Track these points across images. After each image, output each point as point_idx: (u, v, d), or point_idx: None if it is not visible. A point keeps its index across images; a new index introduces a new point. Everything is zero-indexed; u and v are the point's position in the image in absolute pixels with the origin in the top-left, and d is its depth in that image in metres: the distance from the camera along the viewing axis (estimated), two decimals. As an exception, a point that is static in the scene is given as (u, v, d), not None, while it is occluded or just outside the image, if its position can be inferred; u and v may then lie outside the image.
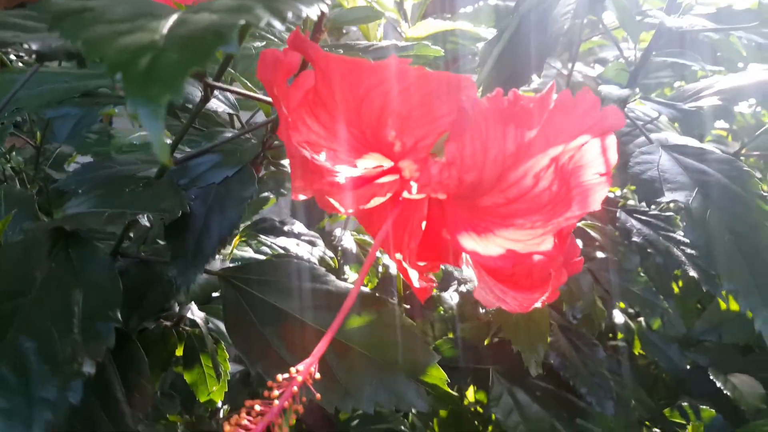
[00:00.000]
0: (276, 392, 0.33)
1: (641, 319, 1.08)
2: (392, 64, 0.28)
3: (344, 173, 0.33)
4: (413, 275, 0.38)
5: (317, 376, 0.34)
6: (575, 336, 0.74)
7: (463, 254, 0.33)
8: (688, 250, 0.57)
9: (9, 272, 0.34)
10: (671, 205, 0.59)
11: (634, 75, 0.56)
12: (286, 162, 0.51)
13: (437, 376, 0.45)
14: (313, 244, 0.60)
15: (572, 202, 0.30)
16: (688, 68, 0.84)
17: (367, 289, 0.47)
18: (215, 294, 0.57)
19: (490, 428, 1.02)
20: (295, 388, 0.33)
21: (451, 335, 0.92)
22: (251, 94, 0.41)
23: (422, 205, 0.35)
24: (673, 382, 0.99)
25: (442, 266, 0.91)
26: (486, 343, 0.78)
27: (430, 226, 0.36)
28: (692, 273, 0.55)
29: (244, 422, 0.33)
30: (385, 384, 0.45)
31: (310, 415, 0.86)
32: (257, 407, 0.33)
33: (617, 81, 0.83)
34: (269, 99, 0.44)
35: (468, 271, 0.75)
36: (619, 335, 1.08)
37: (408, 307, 0.86)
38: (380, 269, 0.86)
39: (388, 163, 0.33)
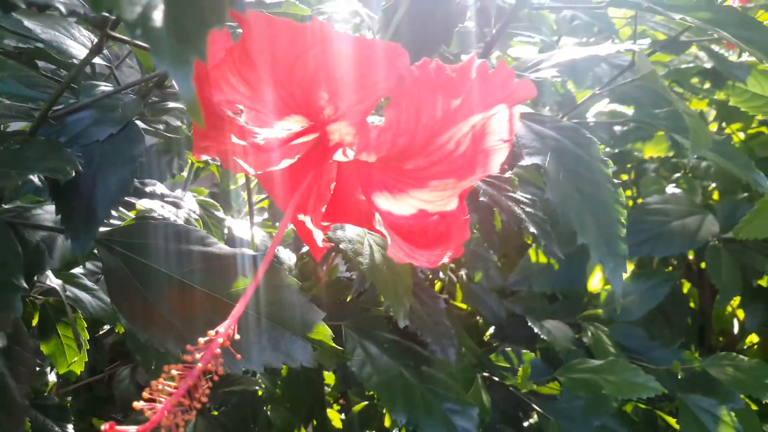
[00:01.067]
0: (197, 355, 0.33)
1: (462, 273, 1.17)
2: (327, 27, 0.28)
3: (263, 134, 0.34)
4: (317, 235, 0.39)
5: (236, 336, 0.34)
6: (420, 290, 0.79)
7: (376, 214, 0.35)
8: (527, 209, 0.64)
9: None
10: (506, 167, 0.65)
11: (488, 47, 0.61)
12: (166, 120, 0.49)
13: (323, 332, 0.47)
14: (177, 206, 0.58)
15: (477, 165, 0.33)
16: (510, 40, 0.92)
17: (253, 252, 0.48)
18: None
19: (332, 382, 1.06)
20: (218, 350, 0.33)
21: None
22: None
23: (332, 167, 0.37)
24: (494, 330, 1.09)
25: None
26: (349, 299, 0.81)
27: (339, 188, 0.37)
28: (532, 229, 0.62)
29: (164, 387, 0.33)
30: (273, 343, 0.46)
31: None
32: (175, 372, 0.33)
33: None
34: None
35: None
36: (438, 286, 1.17)
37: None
38: (225, 231, 0.86)
39: (304, 126, 0.34)
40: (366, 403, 1.03)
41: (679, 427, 0.90)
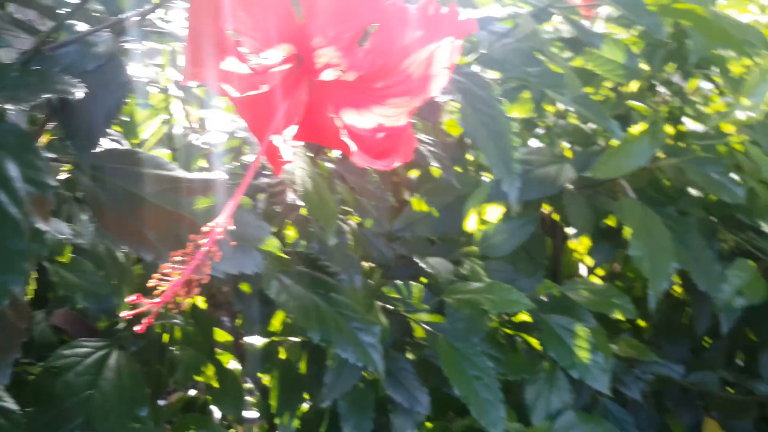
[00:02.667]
0: (199, 241, 0.40)
1: (351, 222, 1.27)
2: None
3: (254, 60, 0.41)
4: (286, 151, 0.47)
5: (231, 227, 0.41)
6: (327, 227, 0.88)
7: (340, 129, 0.43)
8: (430, 148, 0.74)
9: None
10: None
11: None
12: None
13: (272, 244, 0.55)
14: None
15: (426, 87, 0.42)
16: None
17: (209, 175, 0.54)
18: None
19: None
20: (219, 236, 0.40)
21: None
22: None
23: (303, 91, 0.44)
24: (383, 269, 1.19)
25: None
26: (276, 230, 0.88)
27: (308, 108, 0.45)
28: (434, 164, 0.72)
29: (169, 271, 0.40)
30: (231, 253, 0.54)
31: (72, 325, 0.87)
32: (179, 258, 0.40)
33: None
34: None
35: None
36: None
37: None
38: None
39: (287, 54, 0.42)
40: (268, 341, 1.10)
41: (542, 341, 1.04)
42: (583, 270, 1.61)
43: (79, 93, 0.40)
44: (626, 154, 0.97)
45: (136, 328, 0.41)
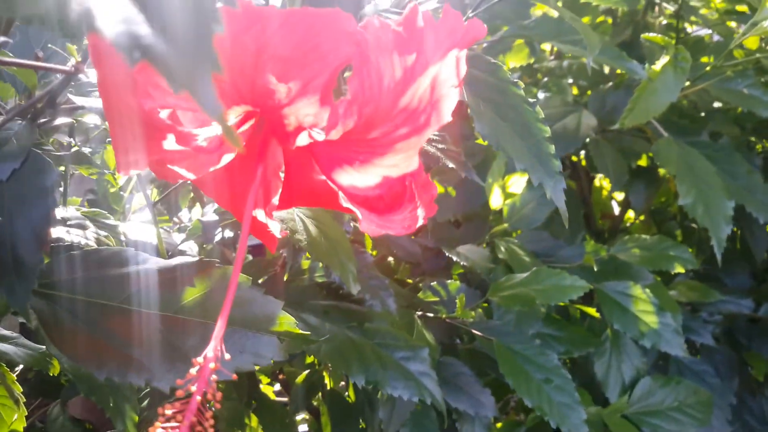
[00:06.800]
0: (191, 386, 0.30)
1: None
2: (252, 5, 0.26)
3: (203, 134, 0.31)
4: (273, 226, 0.37)
5: (227, 357, 0.31)
6: (343, 250, 0.78)
7: (339, 192, 0.33)
8: (440, 145, 0.63)
9: None
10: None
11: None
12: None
13: (286, 321, 0.45)
14: (83, 227, 0.53)
15: (433, 117, 0.32)
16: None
17: (193, 259, 0.44)
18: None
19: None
20: (213, 376, 0.31)
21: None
22: (37, 63, 0.34)
23: (278, 152, 0.34)
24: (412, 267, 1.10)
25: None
26: (286, 278, 0.78)
27: (289, 172, 0.35)
28: (450, 165, 0.62)
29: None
30: (240, 347, 0.44)
31: (94, 414, 0.79)
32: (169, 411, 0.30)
33: None
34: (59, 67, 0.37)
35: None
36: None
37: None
38: (122, 239, 0.80)
39: (242, 114, 0.31)
40: (307, 371, 1.01)
41: (603, 312, 0.95)
42: (615, 208, 1.51)
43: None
44: (653, 94, 0.85)
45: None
